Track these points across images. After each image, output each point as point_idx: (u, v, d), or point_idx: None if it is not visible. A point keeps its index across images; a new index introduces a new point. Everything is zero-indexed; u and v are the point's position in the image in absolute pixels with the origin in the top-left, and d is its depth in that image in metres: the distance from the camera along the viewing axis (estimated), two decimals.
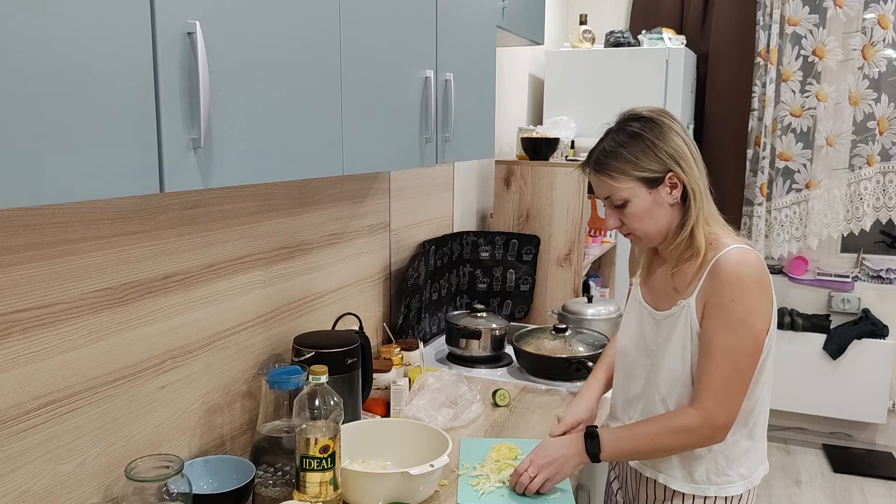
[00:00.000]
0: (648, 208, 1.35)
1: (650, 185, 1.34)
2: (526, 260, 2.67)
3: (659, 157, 1.33)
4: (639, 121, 1.36)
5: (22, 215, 1.07)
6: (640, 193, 1.34)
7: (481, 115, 1.87)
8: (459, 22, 1.69)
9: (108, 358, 1.24)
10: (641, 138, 1.34)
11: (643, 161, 1.33)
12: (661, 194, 1.34)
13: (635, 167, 1.33)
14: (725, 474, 1.38)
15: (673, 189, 1.34)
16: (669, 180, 1.33)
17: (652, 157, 1.33)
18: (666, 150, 1.33)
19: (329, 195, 1.85)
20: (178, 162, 0.89)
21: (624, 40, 3.31)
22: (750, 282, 1.28)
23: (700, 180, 1.35)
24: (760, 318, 1.29)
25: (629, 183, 1.34)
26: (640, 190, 1.34)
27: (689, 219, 1.34)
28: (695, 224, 1.34)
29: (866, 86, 3.56)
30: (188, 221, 1.39)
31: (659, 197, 1.34)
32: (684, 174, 1.33)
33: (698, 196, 1.34)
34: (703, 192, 1.35)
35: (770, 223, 3.81)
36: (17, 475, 1.10)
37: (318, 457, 1.26)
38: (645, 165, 1.33)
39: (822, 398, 3.72)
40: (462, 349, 2.20)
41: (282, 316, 1.70)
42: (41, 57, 0.71)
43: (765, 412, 1.41)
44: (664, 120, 1.35)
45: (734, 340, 1.28)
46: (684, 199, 1.35)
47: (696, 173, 1.34)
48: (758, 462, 1.42)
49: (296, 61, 1.10)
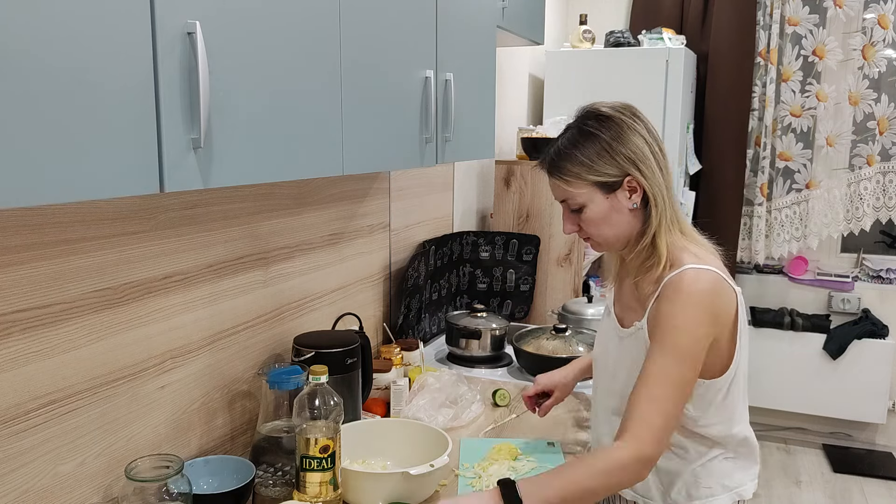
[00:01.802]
0: (606, 214, 1.27)
1: (607, 189, 1.26)
2: (526, 260, 2.67)
3: (616, 161, 1.24)
4: (597, 119, 1.27)
5: (22, 215, 1.07)
6: (596, 199, 1.26)
7: (481, 115, 1.87)
8: (459, 22, 1.69)
9: (108, 358, 1.24)
10: (597, 139, 1.25)
11: (598, 165, 1.24)
12: (620, 199, 1.26)
13: (590, 171, 1.25)
14: (706, 486, 1.31)
15: (632, 193, 1.26)
16: (628, 184, 1.25)
17: (608, 160, 1.24)
18: (623, 153, 1.24)
19: (329, 195, 1.85)
20: (178, 162, 0.89)
21: (624, 40, 3.31)
22: (696, 310, 1.19)
23: (662, 184, 1.26)
24: (701, 347, 1.19)
25: (584, 188, 1.26)
26: (597, 195, 1.26)
27: (650, 225, 1.26)
28: (656, 231, 1.26)
29: (866, 86, 3.56)
30: (188, 221, 1.39)
31: (617, 202, 1.26)
32: (644, 178, 1.24)
33: (660, 201, 1.25)
34: (667, 196, 1.27)
35: (770, 223, 3.81)
36: (17, 475, 1.10)
37: (319, 457, 1.26)
38: (601, 169, 1.24)
39: (822, 398, 3.72)
40: (462, 349, 2.20)
41: (282, 316, 1.70)
42: (41, 57, 0.71)
43: (747, 432, 1.33)
44: (624, 118, 1.26)
45: (675, 371, 1.18)
46: (646, 203, 1.27)
47: (657, 177, 1.25)
48: (745, 476, 1.35)
49: (296, 61, 1.10)
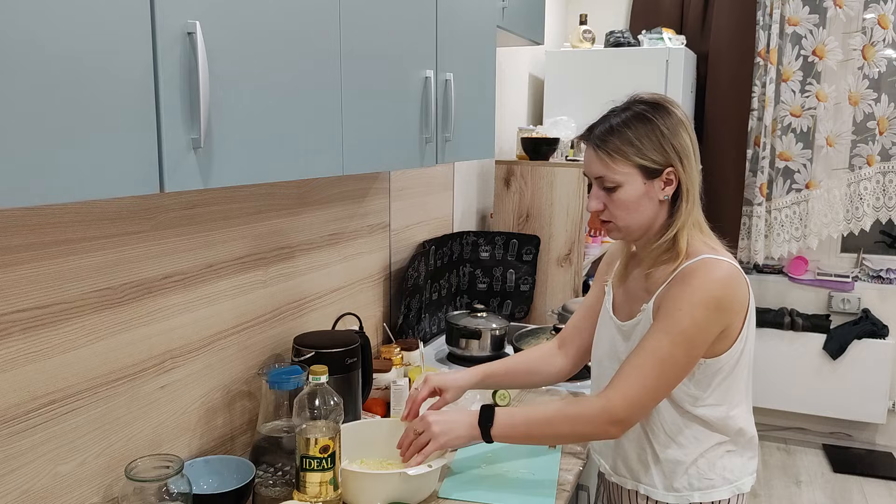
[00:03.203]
0: (638, 199, 1.28)
1: (648, 175, 1.28)
2: (526, 260, 2.67)
3: (664, 149, 1.26)
4: (650, 105, 1.30)
5: (22, 215, 1.07)
6: (634, 181, 1.28)
7: (481, 115, 1.87)
8: (459, 22, 1.69)
9: (108, 358, 1.24)
10: (652, 124, 1.27)
11: (647, 148, 1.26)
12: (655, 188, 1.28)
13: (638, 153, 1.26)
14: (707, 478, 1.33)
15: (667, 185, 1.28)
16: (667, 175, 1.28)
17: (657, 146, 1.26)
18: (672, 143, 1.27)
19: (329, 195, 1.85)
20: (178, 162, 0.89)
21: (624, 40, 3.31)
22: (707, 297, 1.22)
23: (696, 183, 1.30)
24: (705, 335, 1.22)
25: (627, 168, 1.27)
26: (636, 178, 1.28)
27: (677, 220, 1.29)
28: (681, 226, 1.28)
29: (866, 86, 3.56)
30: (188, 221, 1.39)
31: (652, 189, 1.28)
32: (684, 172, 1.28)
33: (691, 198, 1.29)
34: (697, 195, 1.30)
35: (770, 223, 3.81)
36: (17, 475, 1.10)
37: (319, 457, 1.26)
38: (648, 154, 1.26)
39: (822, 398, 3.72)
40: (462, 349, 2.20)
41: (282, 316, 1.70)
42: (41, 57, 0.71)
43: (746, 423, 1.35)
44: (675, 111, 1.30)
45: (666, 347, 1.22)
46: (675, 198, 1.30)
47: (694, 175, 1.29)
48: (744, 469, 1.36)
49: (296, 61, 1.10)
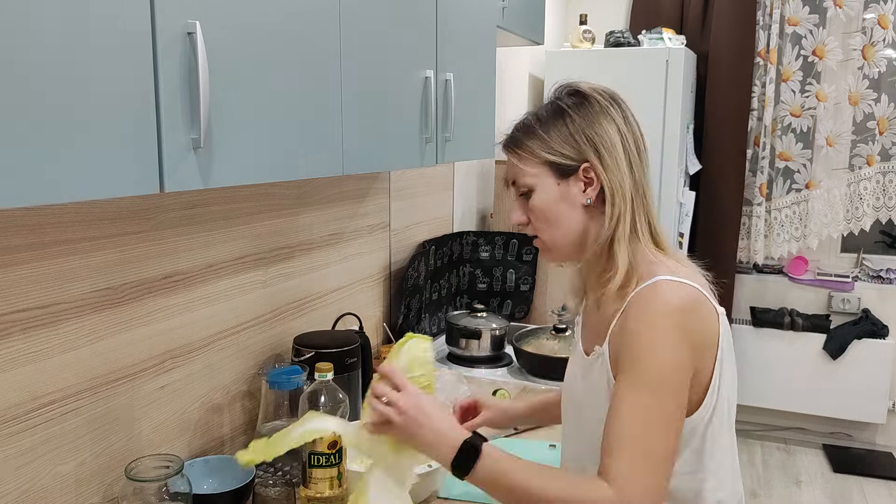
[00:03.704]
0: (554, 203, 1.10)
1: (559, 173, 1.09)
2: (526, 260, 2.67)
3: (575, 140, 1.08)
4: (568, 94, 1.12)
5: (22, 215, 1.07)
6: (546, 182, 1.10)
7: (481, 115, 1.87)
8: (459, 22, 1.69)
9: (108, 358, 1.24)
10: (562, 114, 1.10)
11: (554, 142, 1.09)
12: (572, 189, 1.09)
13: (544, 147, 1.09)
14: None
15: (587, 186, 1.08)
16: (584, 173, 1.08)
17: (566, 137, 1.08)
18: (586, 133, 1.07)
19: (329, 195, 1.85)
20: (178, 162, 0.89)
21: (624, 40, 3.31)
22: (668, 329, 0.98)
23: (626, 181, 1.07)
24: (683, 374, 0.99)
25: (534, 167, 1.10)
26: (547, 178, 1.10)
27: (604, 226, 1.08)
28: (613, 234, 1.07)
29: (866, 86, 3.56)
30: (188, 221, 1.39)
31: (568, 191, 1.09)
32: (603, 169, 1.07)
33: (619, 199, 1.07)
34: (635, 198, 1.08)
35: (770, 223, 3.81)
36: (17, 475, 1.10)
37: (327, 453, 1.26)
38: (556, 147, 1.09)
39: (822, 398, 3.72)
40: (462, 349, 2.20)
41: (282, 316, 1.70)
42: (41, 57, 0.71)
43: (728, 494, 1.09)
44: (600, 99, 1.10)
45: (653, 404, 0.97)
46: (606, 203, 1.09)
47: (621, 171, 1.07)
48: None
49: (296, 61, 1.10)
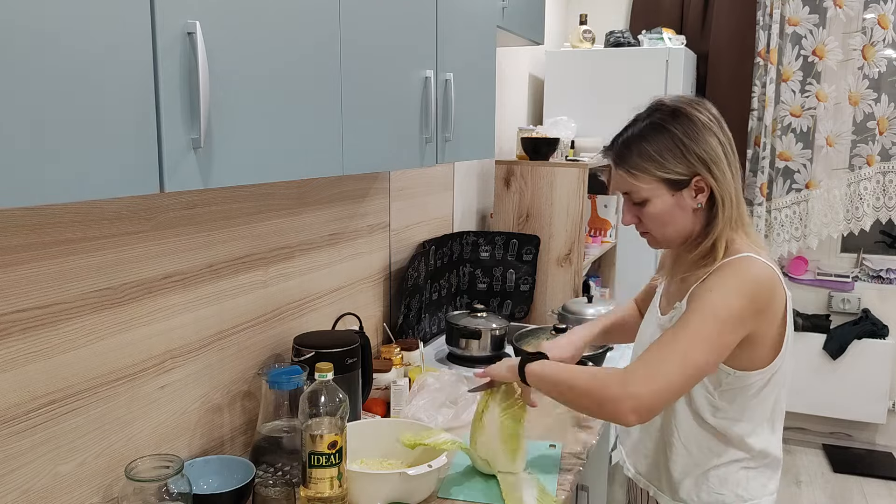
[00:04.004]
0: (669, 211, 1.24)
1: (674, 187, 1.23)
2: (526, 260, 2.67)
3: (687, 160, 1.21)
4: (669, 113, 1.24)
5: (22, 215, 1.07)
6: (661, 195, 1.24)
7: (481, 115, 1.87)
8: (459, 22, 1.69)
9: (108, 358, 1.24)
10: (670, 135, 1.22)
11: (669, 161, 1.21)
12: (685, 198, 1.23)
13: (659, 167, 1.22)
14: (718, 493, 1.29)
15: (698, 193, 1.23)
16: (696, 184, 1.22)
17: (679, 157, 1.21)
18: (696, 152, 1.21)
19: (329, 195, 1.85)
20: (178, 162, 0.89)
21: (624, 40, 3.31)
22: (740, 286, 1.16)
23: (731, 186, 1.23)
24: (734, 321, 1.15)
25: (651, 183, 1.23)
26: (662, 191, 1.23)
27: (715, 227, 1.23)
28: (719, 233, 1.23)
29: (866, 86, 3.56)
30: (188, 221, 1.39)
31: (682, 200, 1.24)
32: (714, 180, 1.21)
33: (727, 203, 1.22)
34: (735, 197, 1.24)
35: (770, 223, 3.81)
36: (17, 475, 1.10)
37: (327, 453, 1.26)
38: (670, 167, 1.22)
39: (822, 398, 3.72)
40: (462, 349, 2.20)
41: (282, 316, 1.70)
42: (41, 57, 0.71)
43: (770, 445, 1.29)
44: (698, 115, 1.23)
45: (696, 325, 1.15)
46: (712, 202, 1.24)
47: (727, 178, 1.22)
48: (761, 490, 1.31)
49: (296, 61, 1.10)
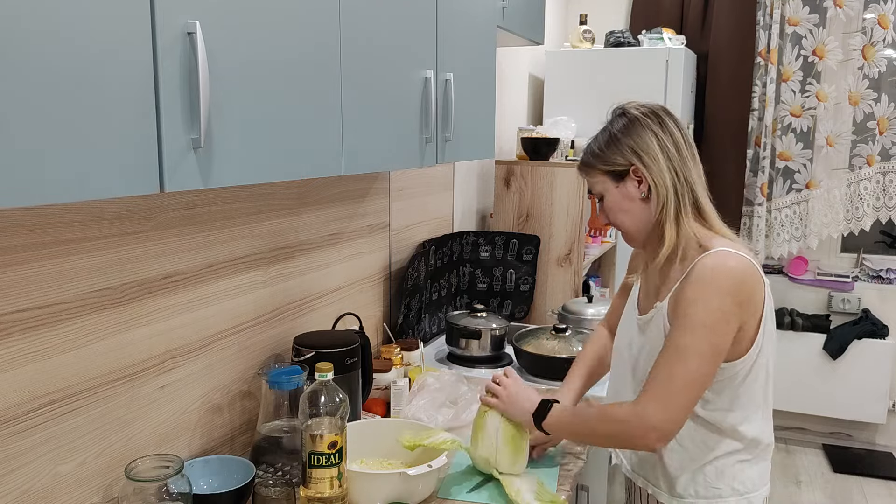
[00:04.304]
0: (619, 202, 1.37)
1: (616, 178, 1.36)
2: (526, 260, 2.67)
3: (621, 151, 1.34)
4: (614, 115, 1.40)
5: (22, 215, 1.07)
6: (609, 188, 1.38)
7: (481, 115, 1.87)
8: (459, 22, 1.69)
9: (108, 358, 1.24)
10: (608, 132, 1.38)
11: (606, 154, 1.36)
12: (629, 189, 1.35)
13: (601, 161, 1.37)
14: (714, 487, 1.33)
15: (640, 183, 1.34)
16: (634, 174, 1.34)
17: (614, 150, 1.35)
18: (628, 144, 1.34)
19: (329, 195, 1.85)
20: (178, 162, 0.89)
21: (624, 40, 3.31)
22: (719, 286, 1.23)
23: (666, 176, 1.32)
24: (724, 326, 1.23)
25: (598, 176, 1.38)
26: (609, 184, 1.37)
27: (655, 213, 1.34)
28: (663, 219, 1.32)
29: (866, 86, 3.56)
30: (188, 221, 1.39)
31: (626, 191, 1.36)
32: (645, 168, 1.32)
33: (661, 189, 1.32)
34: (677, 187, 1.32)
35: (770, 223, 3.81)
36: (17, 475, 1.10)
37: (327, 453, 1.26)
38: (609, 159, 1.36)
39: (822, 398, 3.72)
40: (462, 349, 2.20)
41: (282, 316, 1.70)
42: (41, 57, 0.71)
43: (761, 432, 1.34)
44: (636, 114, 1.36)
45: (688, 341, 1.23)
46: None
47: (661, 168, 1.32)
48: (757, 482, 1.35)
49: (296, 61, 1.10)
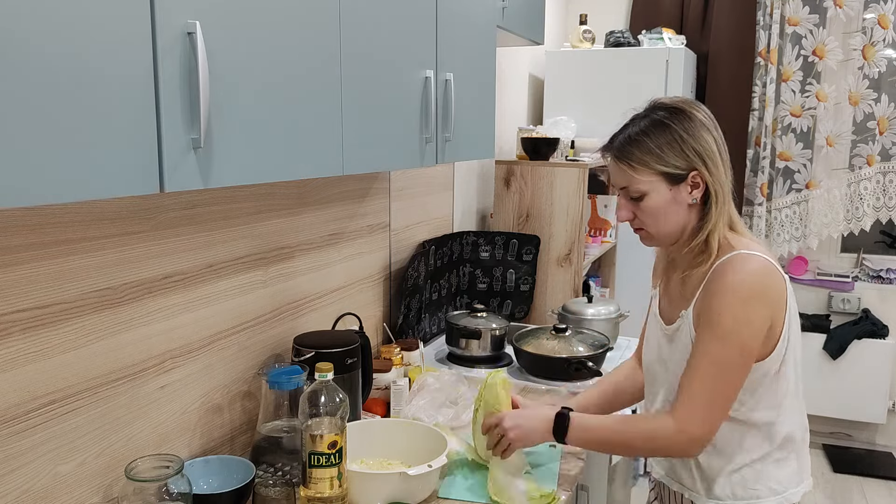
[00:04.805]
0: (665, 206, 1.28)
1: (672, 181, 1.27)
2: (526, 260, 2.67)
3: (685, 154, 1.26)
4: (669, 111, 1.29)
5: (22, 215, 1.07)
6: (659, 189, 1.28)
7: (481, 115, 1.87)
8: (459, 22, 1.69)
9: (108, 358, 1.24)
10: (670, 130, 1.27)
11: (668, 155, 1.26)
12: (682, 193, 1.28)
13: (659, 160, 1.26)
14: (752, 488, 1.30)
15: (694, 189, 1.28)
16: (692, 179, 1.27)
17: (678, 152, 1.26)
18: (694, 147, 1.26)
19: (329, 195, 1.85)
20: (178, 162, 0.89)
21: (624, 40, 3.31)
22: (742, 291, 1.20)
23: (725, 182, 1.28)
24: (752, 330, 1.21)
25: (650, 176, 1.27)
26: (660, 185, 1.28)
27: (708, 222, 1.28)
28: (713, 228, 1.27)
29: (866, 86, 3.56)
30: (188, 221, 1.39)
31: (679, 195, 1.28)
32: (709, 174, 1.27)
33: (720, 199, 1.28)
34: (727, 194, 1.29)
35: (770, 223, 3.81)
36: (17, 475, 1.10)
37: (327, 453, 1.26)
38: (669, 160, 1.26)
39: (822, 398, 3.72)
40: (462, 349, 2.20)
41: (282, 316, 1.70)
42: (41, 57, 0.71)
43: (795, 426, 1.31)
44: (696, 113, 1.29)
45: (718, 350, 1.21)
46: (705, 200, 1.29)
47: (721, 174, 1.28)
48: (793, 479, 1.32)
49: (296, 61, 1.10)
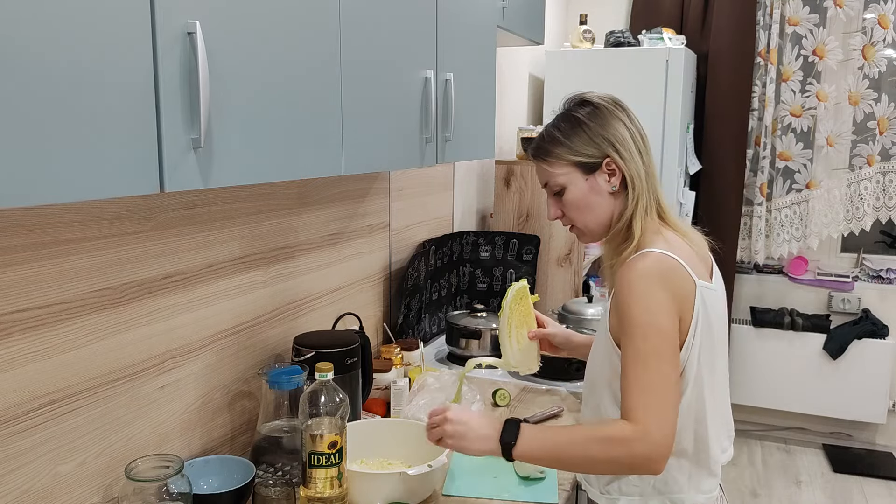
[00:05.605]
0: (585, 196, 1.30)
1: (586, 170, 1.29)
2: (526, 260, 2.67)
3: (594, 142, 1.28)
4: (577, 104, 1.33)
5: (22, 215, 1.07)
6: (576, 180, 1.30)
7: (481, 115, 1.87)
8: (459, 22, 1.69)
9: (108, 358, 1.24)
10: (577, 121, 1.30)
11: (577, 145, 1.29)
12: (599, 181, 1.29)
13: (570, 151, 1.29)
14: (634, 485, 1.26)
15: (611, 176, 1.29)
16: (607, 166, 1.28)
17: (587, 140, 1.29)
18: (602, 135, 1.28)
19: (329, 195, 1.85)
20: (178, 162, 0.89)
21: (624, 40, 3.31)
22: (641, 281, 1.18)
23: (640, 168, 1.28)
24: (663, 312, 1.17)
25: (564, 168, 1.30)
26: (576, 176, 1.30)
27: (627, 207, 1.28)
28: (633, 213, 1.27)
29: (866, 86, 3.56)
30: (188, 221, 1.39)
31: (596, 184, 1.29)
32: (622, 160, 1.27)
33: (637, 184, 1.28)
34: (646, 181, 1.29)
35: (770, 223, 3.81)
36: (17, 475, 1.10)
37: (327, 452, 1.26)
38: (579, 149, 1.29)
39: (822, 398, 3.72)
40: (462, 349, 2.20)
41: (282, 316, 1.70)
42: (41, 57, 0.71)
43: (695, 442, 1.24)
44: (607, 105, 1.31)
45: (640, 344, 1.17)
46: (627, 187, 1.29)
47: (635, 160, 1.28)
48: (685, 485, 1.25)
49: (296, 61, 1.10)
